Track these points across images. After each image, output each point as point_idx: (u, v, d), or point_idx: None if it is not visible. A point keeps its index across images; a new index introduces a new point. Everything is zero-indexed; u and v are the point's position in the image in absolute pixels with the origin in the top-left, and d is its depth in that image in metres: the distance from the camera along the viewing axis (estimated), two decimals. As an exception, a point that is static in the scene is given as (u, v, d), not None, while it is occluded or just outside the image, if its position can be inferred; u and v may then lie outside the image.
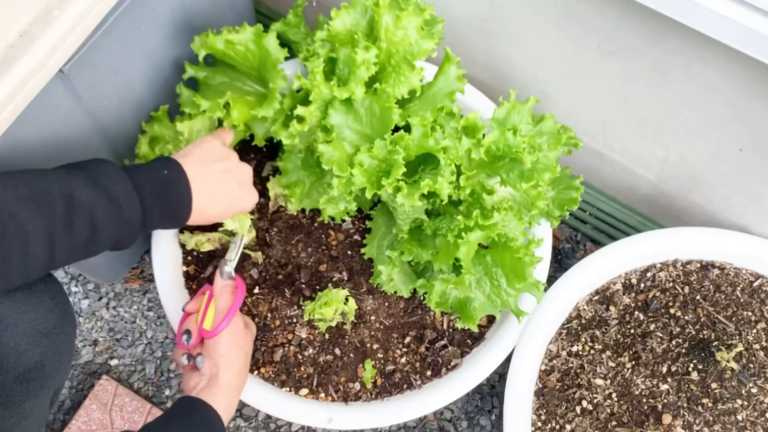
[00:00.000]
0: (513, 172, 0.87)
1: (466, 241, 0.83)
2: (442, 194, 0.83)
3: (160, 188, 0.74)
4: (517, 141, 0.85)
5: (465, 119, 0.88)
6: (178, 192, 0.76)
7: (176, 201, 0.76)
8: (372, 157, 0.84)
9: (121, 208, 0.71)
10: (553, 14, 0.94)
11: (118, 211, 0.70)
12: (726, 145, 0.97)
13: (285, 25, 0.99)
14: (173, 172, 0.76)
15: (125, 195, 0.71)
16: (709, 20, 0.74)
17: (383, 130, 0.88)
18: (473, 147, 0.86)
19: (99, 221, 0.69)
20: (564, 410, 1.01)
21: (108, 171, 0.71)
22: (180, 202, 0.76)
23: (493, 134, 0.86)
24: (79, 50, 0.77)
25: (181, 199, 0.76)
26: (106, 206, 0.69)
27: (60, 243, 0.67)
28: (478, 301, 0.91)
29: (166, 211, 0.75)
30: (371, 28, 0.90)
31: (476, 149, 0.86)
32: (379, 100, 0.87)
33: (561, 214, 0.98)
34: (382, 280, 0.92)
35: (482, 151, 0.85)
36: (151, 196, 0.73)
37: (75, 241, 0.68)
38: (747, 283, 1.05)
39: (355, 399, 0.97)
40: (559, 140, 0.92)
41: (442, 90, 0.93)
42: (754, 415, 0.98)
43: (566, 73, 1.03)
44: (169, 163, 0.77)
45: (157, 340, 1.23)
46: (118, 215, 0.70)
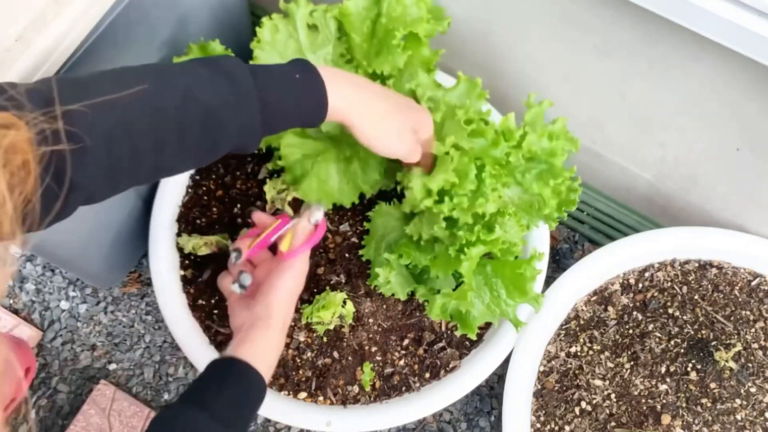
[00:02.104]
0: (530, 173, 0.87)
1: (468, 257, 0.82)
2: (488, 214, 0.83)
3: (288, 90, 0.69)
4: (552, 145, 0.85)
5: (501, 124, 0.87)
6: (308, 94, 0.71)
7: (307, 104, 0.71)
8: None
9: (238, 110, 0.66)
10: (549, 15, 0.94)
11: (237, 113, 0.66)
12: (723, 144, 0.97)
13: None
14: (305, 75, 0.71)
15: (247, 96, 0.66)
16: (705, 20, 0.74)
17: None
18: (512, 151, 0.85)
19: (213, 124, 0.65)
20: (563, 411, 1.01)
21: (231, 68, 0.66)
22: (311, 106, 0.71)
23: (531, 137, 0.86)
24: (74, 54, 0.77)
25: (311, 103, 0.71)
26: (225, 109, 0.65)
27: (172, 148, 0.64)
28: (477, 310, 0.91)
29: (294, 113, 0.70)
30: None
31: (515, 153, 0.85)
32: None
33: (559, 216, 0.98)
34: (380, 283, 0.92)
35: (521, 155, 0.85)
36: (275, 96, 0.68)
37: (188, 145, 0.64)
38: (745, 282, 1.05)
39: (353, 402, 0.97)
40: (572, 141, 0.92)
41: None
42: (753, 415, 0.98)
43: (563, 74, 1.03)
44: (305, 69, 0.71)
45: (155, 344, 1.22)
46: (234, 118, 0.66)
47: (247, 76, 0.66)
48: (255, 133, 0.69)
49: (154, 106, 0.61)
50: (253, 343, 0.80)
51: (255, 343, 0.80)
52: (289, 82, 0.70)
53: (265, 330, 0.81)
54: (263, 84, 0.67)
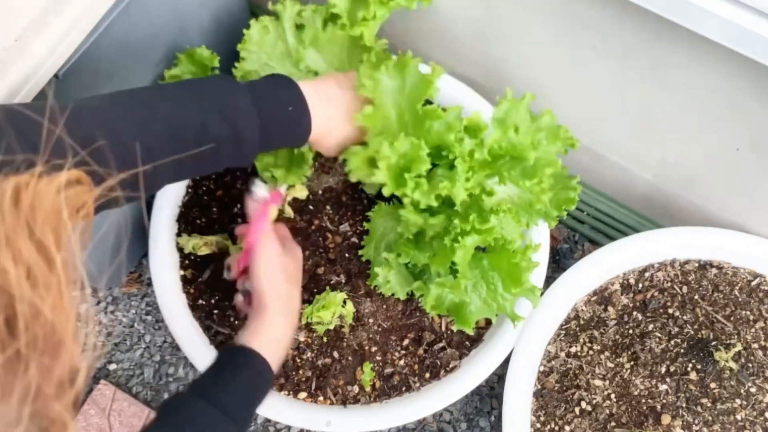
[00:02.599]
0: (514, 170, 0.87)
1: (462, 245, 0.83)
2: (458, 199, 0.83)
3: (283, 125, 0.78)
4: (519, 139, 0.85)
5: (468, 119, 0.87)
6: (298, 128, 0.79)
7: (295, 135, 0.80)
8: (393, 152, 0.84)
9: (243, 143, 0.74)
10: (548, 14, 0.94)
11: (241, 147, 0.74)
12: (723, 144, 0.97)
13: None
14: (297, 108, 0.79)
15: (251, 132, 0.74)
16: (705, 20, 0.74)
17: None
18: (476, 147, 0.86)
19: (223, 153, 0.73)
20: (563, 411, 1.01)
21: (239, 104, 0.74)
22: (298, 136, 0.80)
23: (496, 133, 0.86)
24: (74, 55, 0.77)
25: (299, 136, 0.80)
26: (232, 141, 0.73)
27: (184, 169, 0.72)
28: (474, 304, 0.91)
29: (282, 142, 0.80)
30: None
31: (479, 150, 0.85)
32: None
33: (558, 215, 0.98)
34: (379, 282, 0.92)
35: (485, 151, 0.85)
36: (273, 129, 0.77)
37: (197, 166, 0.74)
38: (745, 282, 1.05)
39: (353, 402, 0.97)
40: (558, 135, 0.92)
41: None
42: (753, 415, 0.98)
43: (563, 74, 1.03)
44: (296, 99, 0.79)
45: (155, 344, 1.22)
46: (239, 150, 0.74)
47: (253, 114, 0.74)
48: (252, 158, 0.78)
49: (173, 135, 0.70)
50: (258, 333, 0.82)
51: (260, 333, 0.82)
52: (286, 115, 0.78)
53: (265, 318, 0.82)
54: (265, 121, 0.75)
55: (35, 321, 0.28)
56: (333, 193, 1.04)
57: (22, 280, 0.28)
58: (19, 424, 0.28)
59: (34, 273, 0.29)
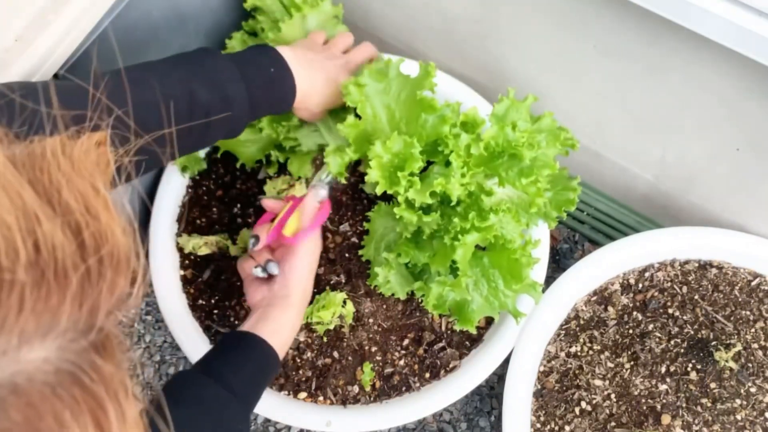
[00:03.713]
0: (512, 170, 0.87)
1: (462, 243, 0.83)
2: (453, 195, 0.83)
3: (268, 86, 0.80)
4: (516, 136, 0.85)
5: (464, 114, 0.87)
6: (283, 88, 0.82)
7: (281, 96, 0.83)
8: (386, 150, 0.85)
9: (233, 107, 0.76)
10: (548, 14, 0.94)
11: (230, 109, 0.76)
12: (723, 144, 0.97)
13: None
14: (279, 70, 0.82)
15: (238, 95, 0.77)
16: (704, 20, 0.74)
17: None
18: (473, 142, 0.86)
19: (212, 122, 0.75)
20: (563, 411, 1.01)
21: (223, 69, 0.76)
22: (284, 97, 0.83)
23: (493, 129, 0.86)
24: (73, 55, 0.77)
25: (285, 95, 0.83)
26: (221, 106, 0.75)
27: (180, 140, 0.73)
28: (475, 303, 0.91)
29: (271, 105, 0.83)
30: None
31: (476, 144, 0.85)
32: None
33: (558, 215, 0.98)
34: (379, 282, 0.92)
35: (482, 146, 0.85)
36: (260, 93, 0.79)
37: (192, 137, 0.75)
38: (745, 282, 1.05)
39: (353, 402, 0.97)
40: (558, 137, 0.92)
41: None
42: (753, 415, 0.98)
43: (562, 74, 1.03)
44: (276, 61, 0.82)
45: (155, 344, 1.22)
46: (229, 117, 0.76)
47: (238, 77, 0.77)
48: (242, 126, 0.80)
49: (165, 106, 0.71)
50: (271, 321, 0.82)
51: (273, 321, 0.82)
52: (269, 77, 0.80)
53: (283, 309, 0.83)
54: (250, 84, 0.78)
55: (101, 243, 0.33)
56: (333, 193, 1.05)
57: (84, 212, 0.33)
58: (90, 333, 0.32)
59: (93, 206, 0.33)
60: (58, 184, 0.33)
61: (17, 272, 0.30)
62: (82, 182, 0.34)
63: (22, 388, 0.30)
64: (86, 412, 0.31)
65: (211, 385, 0.74)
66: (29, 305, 0.30)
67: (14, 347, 0.30)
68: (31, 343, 0.30)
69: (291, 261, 0.86)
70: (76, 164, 0.34)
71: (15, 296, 0.30)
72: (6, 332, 0.29)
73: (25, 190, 0.32)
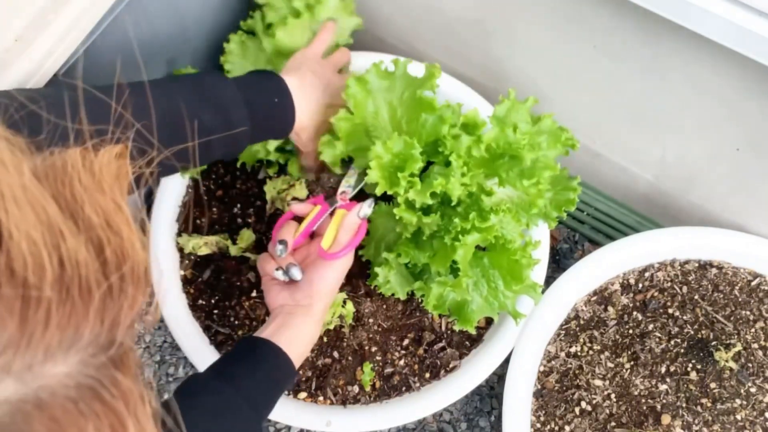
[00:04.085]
0: (512, 171, 0.87)
1: (463, 243, 0.83)
2: (453, 195, 0.83)
3: (270, 114, 0.82)
4: (517, 138, 0.85)
5: (465, 116, 0.87)
6: (284, 118, 0.84)
7: (282, 126, 0.85)
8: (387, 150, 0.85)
9: (235, 131, 0.78)
10: (548, 15, 0.94)
11: (233, 137, 0.78)
12: (723, 144, 0.97)
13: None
14: (282, 99, 0.83)
15: (241, 120, 0.78)
16: (704, 20, 0.74)
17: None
18: (473, 144, 0.86)
19: (213, 142, 0.76)
20: (563, 411, 1.01)
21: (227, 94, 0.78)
22: (285, 127, 0.85)
23: (494, 131, 0.86)
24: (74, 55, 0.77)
25: (285, 124, 0.85)
26: (223, 130, 0.76)
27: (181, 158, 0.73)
28: (475, 303, 0.91)
29: (272, 132, 0.85)
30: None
31: (476, 146, 0.85)
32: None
33: (558, 215, 0.98)
34: (379, 282, 0.92)
35: (482, 148, 0.85)
36: (262, 120, 0.81)
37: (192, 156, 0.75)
38: (745, 282, 1.05)
39: (353, 402, 0.97)
40: (558, 139, 0.92)
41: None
42: (753, 415, 0.98)
43: (562, 74, 1.03)
44: (280, 90, 0.84)
45: (155, 344, 1.22)
46: (231, 139, 0.78)
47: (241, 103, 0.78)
48: (242, 147, 0.82)
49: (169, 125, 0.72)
50: (291, 330, 0.80)
51: (292, 330, 0.81)
52: (272, 105, 0.82)
53: (304, 318, 0.82)
54: (254, 110, 0.79)
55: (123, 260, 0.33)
56: (333, 193, 1.04)
57: (106, 227, 0.33)
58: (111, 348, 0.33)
59: (115, 222, 0.34)
60: (80, 199, 0.33)
61: (44, 289, 0.30)
62: (103, 198, 0.34)
63: (45, 403, 0.30)
64: (107, 427, 0.32)
65: (224, 392, 0.73)
66: (54, 321, 0.30)
67: (39, 362, 0.30)
68: (54, 358, 0.31)
69: (322, 272, 0.83)
70: (97, 178, 0.35)
71: (42, 312, 0.30)
72: (33, 348, 0.30)
73: (50, 205, 0.32)
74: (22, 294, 0.30)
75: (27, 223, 0.31)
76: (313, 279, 0.83)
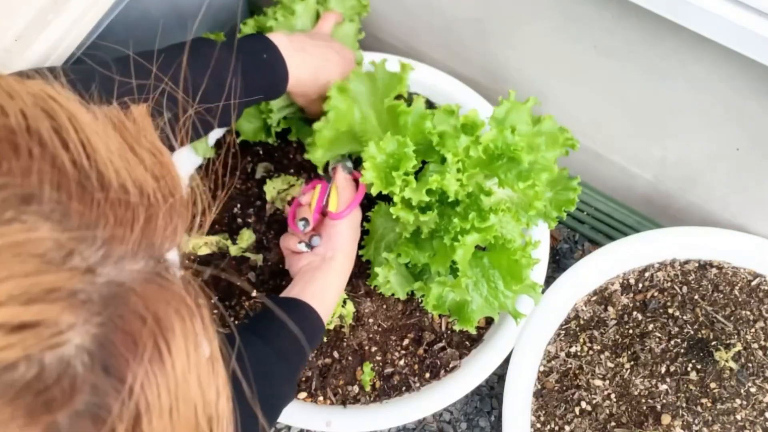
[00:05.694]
0: (511, 172, 0.87)
1: (462, 243, 0.83)
2: (450, 191, 0.84)
3: (261, 71, 0.84)
4: (515, 140, 0.85)
5: (464, 117, 0.88)
6: (276, 73, 0.86)
7: (274, 81, 0.86)
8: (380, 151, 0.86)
9: (229, 92, 0.79)
10: (548, 14, 0.94)
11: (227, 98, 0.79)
12: (723, 144, 0.97)
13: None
14: (271, 55, 0.86)
15: (233, 80, 0.80)
16: (705, 20, 0.74)
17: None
18: (472, 144, 0.86)
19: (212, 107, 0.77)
20: (563, 411, 1.01)
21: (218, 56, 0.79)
22: (277, 82, 0.87)
23: (492, 132, 0.86)
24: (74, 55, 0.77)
25: (278, 79, 0.87)
26: (218, 92, 0.78)
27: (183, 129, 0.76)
28: (475, 303, 0.91)
29: (265, 90, 0.86)
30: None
31: (474, 147, 0.86)
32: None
33: (558, 216, 0.98)
34: (379, 282, 0.92)
35: (480, 149, 0.85)
36: (254, 78, 0.83)
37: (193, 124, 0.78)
38: (745, 282, 1.05)
39: (353, 402, 0.97)
40: (558, 141, 0.92)
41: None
42: (753, 415, 0.98)
43: (562, 74, 1.03)
44: (268, 47, 0.86)
45: (155, 344, 1.22)
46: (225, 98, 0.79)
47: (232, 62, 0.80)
48: (239, 111, 0.85)
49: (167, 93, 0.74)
50: (315, 283, 0.86)
51: (316, 284, 0.86)
52: (261, 62, 0.84)
53: (328, 270, 0.88)
54: (244, 68, 0.81)
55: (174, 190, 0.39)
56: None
57: (157, 163, 0.39)
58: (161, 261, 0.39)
59: (162, 160, 0.39)
60: (132, 140, 0.39)
61: (131, 194, 0.36)
62: (147, 140, 0.40)
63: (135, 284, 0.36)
64: (183, 308, 0.38)
65: (257, 344, 0.77)
66: (139, 223, 0.36)
67: (129, 257, 0.36)
68: (136, 257, 0.36)
69: (336, 227, 0.90)
70: (139, 125, 0.40)
71: (130, 213, 0.36)
72: (125, 243, 0.36)
73: (115, 138, 0.38)
74: (117, 197, 0.36)
75: (105, 147, 0.36)
76: (331, 234, 0.90)
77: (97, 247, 0.34)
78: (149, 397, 0.35)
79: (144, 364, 0.35)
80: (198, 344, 0.38)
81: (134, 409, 0.34)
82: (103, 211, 0.35)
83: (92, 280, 0.34)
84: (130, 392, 0.34)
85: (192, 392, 0.37)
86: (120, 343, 0.34)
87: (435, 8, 1.04)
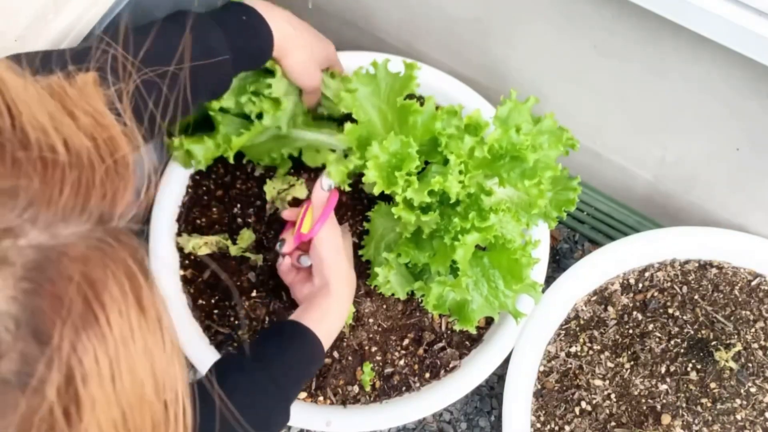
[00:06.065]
0: (514, 172, 0.87)
1: (462, 243, 0.83)
2: (452, 193, 0.83)
3: (244, 33, 0.83)
4: (520, 139, 0.85)
5: (468, 117, 0.88)
6: (259, 34, 0.85)
7: (258, 43, 0.85)
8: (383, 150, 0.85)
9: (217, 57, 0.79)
10: (548, 14, 0.94)
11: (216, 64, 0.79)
12: (723, 144, 0.97)
13: None
14: (250, 18, 0.84)
15: (219, 44, 0.80)
16: (704, 20, 0.74)
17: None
18: (477, 145, 0.86)
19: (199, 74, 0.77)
20: (563, 411, 1.01)
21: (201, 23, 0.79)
22: (262, 44, 0.85)
23: (497, 132, 0.86)
24: (74, 54, 0.77)
25: (262, 41, 0.85)
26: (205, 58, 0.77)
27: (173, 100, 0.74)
28: (475, 303, 0.91)
29: (251, 54, 0.85)
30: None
31: (479, 147, 0.86)
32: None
33: (558, 215, 0.98)
34: (379, 282, 0.92)
35: (486, 149, 0.86)
36: (238, 40, 0.82)
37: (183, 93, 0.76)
38: (745, 282, 1.05)
39: (353, 402, 0.97)
40: (559, 139, 0.92)
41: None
42: (753, 415, 0.98)
43: (562, 74, 1.03)
44: (246, 10, 0.85)
45: (155, 344, 1.22)
46: (214, 67, 0.79)
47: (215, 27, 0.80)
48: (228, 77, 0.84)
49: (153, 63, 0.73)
50: (314, 310, 0.86)
51: (316, 310, 0.86)
52: (243, 23, 0.83)
53: (324, 296, 0.87)
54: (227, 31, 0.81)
55: (114, 149, 0.38)
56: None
57: (95, 124, 0.38)
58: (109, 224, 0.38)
59: (102, 121, 0.39)
60: (71, 103, 0.38)
61: (59, 153, 0.35)
62: (88, 104, 0.39)
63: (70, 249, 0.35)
64: (123, 274, 0.37)
65: (253, 371, 0.77)
66: (68, 182, 0.35)
67: (58, 221, 0.35)
68: (68, 221, 0.35)
69: (317, 252, 0.88)
70: (81, 90, 0.40)
71: (58, 172, 0.35)
72: (53, 205, 0.35)
73: (49, 101, 0.37)
74: (40, 155, 0.35)
75: (33, 109, 0.36)
76: (315, 261, 0.89)
77: (20, 209, 0.33)
78: (84, 360, 0.34)
79: (72, 324, 0.34)
80: (144, 312, 0.37)
81: (66, 369, 0.33)
82: (24, 169, 0.34)
83: (13, 243, 0.33)
84: (58, 351, 0.33)
85: (138, 363, 0.36)
86: (49, 307, 0.33)
87: (435, 8, 1.04)
